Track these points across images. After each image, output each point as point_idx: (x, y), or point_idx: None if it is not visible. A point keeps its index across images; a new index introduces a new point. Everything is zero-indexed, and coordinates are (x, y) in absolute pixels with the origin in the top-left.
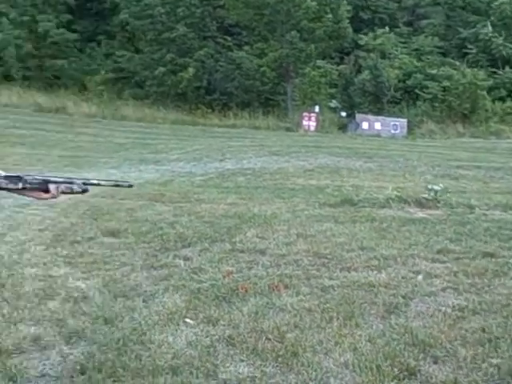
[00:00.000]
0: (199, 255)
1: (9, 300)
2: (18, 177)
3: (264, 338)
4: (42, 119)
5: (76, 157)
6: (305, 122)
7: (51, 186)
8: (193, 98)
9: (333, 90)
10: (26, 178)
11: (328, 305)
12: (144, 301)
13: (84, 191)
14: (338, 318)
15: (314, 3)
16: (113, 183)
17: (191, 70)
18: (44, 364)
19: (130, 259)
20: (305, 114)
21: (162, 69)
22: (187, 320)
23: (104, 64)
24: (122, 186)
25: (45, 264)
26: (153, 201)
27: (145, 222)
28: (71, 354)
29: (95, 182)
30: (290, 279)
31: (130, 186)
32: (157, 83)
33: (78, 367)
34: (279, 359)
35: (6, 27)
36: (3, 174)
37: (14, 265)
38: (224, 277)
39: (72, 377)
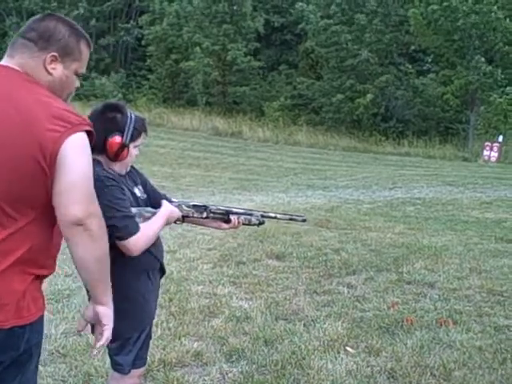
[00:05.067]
0: (364, 284)
1: (175, 314)
2: (204, 206)
3: (428, 373)
4: (217, 143)
5: (246, 180)
6: (485, 153)
7: (232, 217)
8: (368, 125)
9: None
10: (211, 207)
11: (502, 345)
12: (305, 325)
13: (260, 224)
14: None
15: None
16: (288, 217)
17: (369, 96)
18: (204, 379)
19: (294, 283)
20: (487, 143)
21: (340, 96)
22: (348, 348)
23: (283, 91)
24: (296, 220)
25: (211, 282)
26: (318, 226)
27: (310, 247)
28: (230, 371)
29: (272, 215)
30: (460, 315)
31: (304, 220)
32: (333, 110)
33: None
34: None
35: (197, 56)
36: (191, 202)
37: (183, 281)
38: (389, 307)
39: None
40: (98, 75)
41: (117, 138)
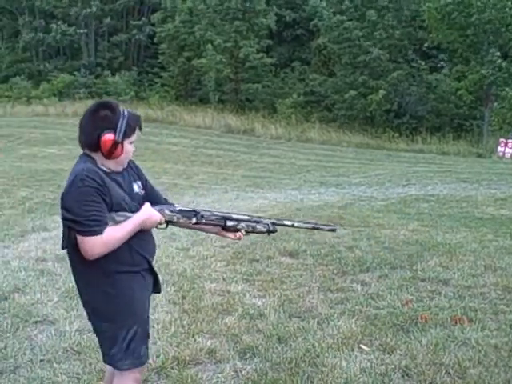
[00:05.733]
0: (378, 281)
1: (189, 312)
2: (194, 212)
3: (444, 371)
4: (230, 140)
5: (258, 177)
6: (500, 149)
7: (230, 224)
8: (380, 121)
9: None
10: (204, 213)
11: None
12: (318, 323)
13: (270, 232)
14: None
15: None
16: (311, 226)
17: (381, 93)
18: (218, 377)
19: (307, 280)
20: (501, 139)
21: (352, 92)
22: (362, 346)
23: (296, 87)
24: (322, 229)
25: (224, 280)
26: (332, 223)
27: (323, 245)
28: (244, 369)
29: (288, 223)
30: (475, 313)
31: (333, 230)
32: (346, 106)
33: (250, 383)
34: None
35: (209, 53)
36: (178, 207)
37: (196, 279)
38: (403, 305)
39: None
40: (111, 73)
41: (110, 136)
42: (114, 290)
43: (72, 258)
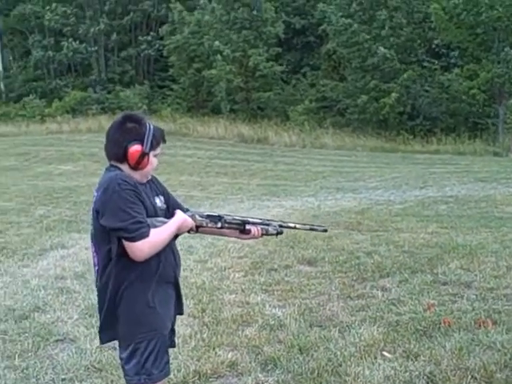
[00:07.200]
0: (398, 286)
1: (209, 325)
2: (219, 216)
3: (469, 376)
4: (244, 150)
5: (274, 185)
6: None
7: (249, 227)
8: (394, 124)
9: None
10: (226, 217)
11: None
12: (340, 331)
13: (278, 234)
14: None
15: None
16: (308, 227)
17: (394, 96)
18: None
19: (327, 288)
20: None
21: (364, 97)
22: (385, 353)
23: (307, 94)
24: (316, 230)
25: (243, 291)
26: (349, 229)
27: (341, 251)
28: (266, 381)
29: (291, 225)
30: (500, 315)
31: (325, 230)
32: (358, 111)
33: None
34: None
35: (219, 64)
36: (206, 212)
37: (215, 291)
38: (425, 310)
39: None
40: (123, 88)
41: (137, 147)
42: (137, 301)
43: (113, 267)
